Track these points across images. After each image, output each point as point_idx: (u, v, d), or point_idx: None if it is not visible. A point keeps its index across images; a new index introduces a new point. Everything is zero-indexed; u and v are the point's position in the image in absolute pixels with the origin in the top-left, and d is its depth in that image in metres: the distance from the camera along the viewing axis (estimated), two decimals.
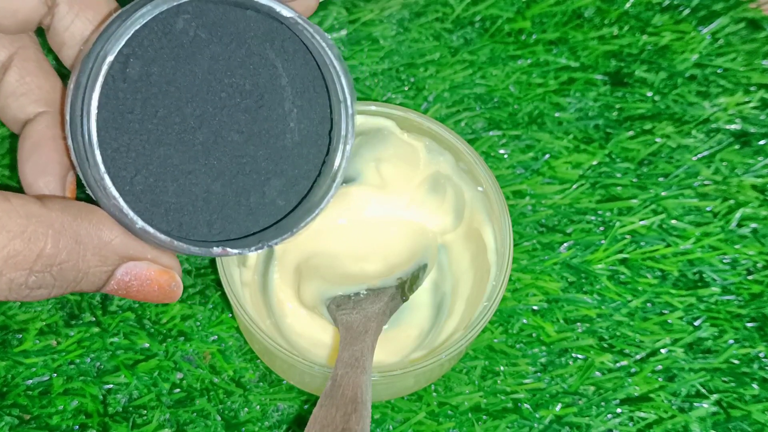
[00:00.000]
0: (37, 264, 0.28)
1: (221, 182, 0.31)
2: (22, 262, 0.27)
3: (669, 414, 0.40)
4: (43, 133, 0.32)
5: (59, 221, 0.28)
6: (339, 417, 0.29)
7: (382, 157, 0.40)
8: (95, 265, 0.29)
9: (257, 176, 0.32)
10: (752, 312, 0.43)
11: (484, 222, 0.38)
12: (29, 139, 0.33)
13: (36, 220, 0.28)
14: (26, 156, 0.32)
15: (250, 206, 0.32)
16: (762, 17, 0.52)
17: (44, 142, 0.32)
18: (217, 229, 0.31)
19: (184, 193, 0.30)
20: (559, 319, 0.42)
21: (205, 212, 0.31)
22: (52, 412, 0.38)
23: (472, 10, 0.51)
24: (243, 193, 0.31)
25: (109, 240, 0.29)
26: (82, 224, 0.29)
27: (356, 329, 0.35)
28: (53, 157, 0.32)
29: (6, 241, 0.27)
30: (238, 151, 0.31)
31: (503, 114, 0.48)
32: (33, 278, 0.28)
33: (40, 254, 0.28)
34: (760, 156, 0.47)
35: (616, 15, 0.51)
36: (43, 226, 0.28)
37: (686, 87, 0.49)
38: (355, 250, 0.40)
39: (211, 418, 0.39)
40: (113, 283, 0.31)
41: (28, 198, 0.28)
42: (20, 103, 0.33)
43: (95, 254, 0.29)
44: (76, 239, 0.29)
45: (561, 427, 0.39)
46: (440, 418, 0.39)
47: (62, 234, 0.28)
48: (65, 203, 0.29)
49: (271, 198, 0.32)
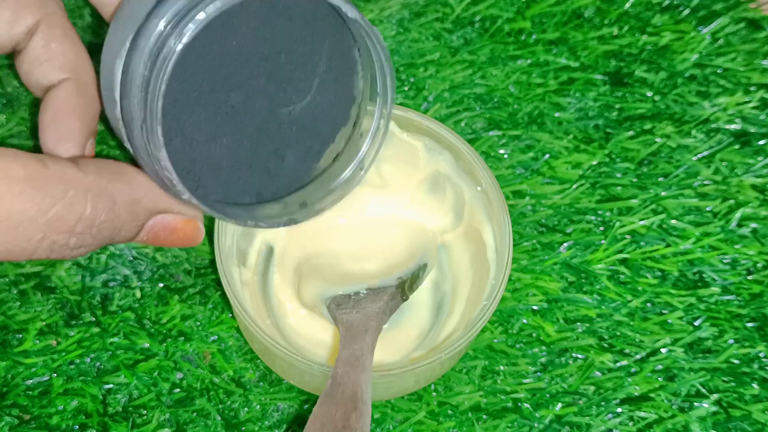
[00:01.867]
0: (77, 227, 0.30)
1: (248, 146, 0.33)
2: (64, 225, 0.29)
3: (669, 414, 0.40)
4: (65, 100, 0.33)
5: (96, 184, 0.30)
6: (339, 415, 0.29)
7: (382, 156, 0.40)
8: (128, 221, 0.32)
9: (280, 143, 0.33)
10: (752, 312, 0.43)
11: (483, 221, 0.38)
12: (51, 105, 0.33)
13: (75, 184, 0.29)
14: (47, 122, 0.33)
15: (270, 172, 0.34)
16: (762, 17, 0.52)
17: (66, 109, 0.33)
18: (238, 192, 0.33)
19: (214, 157, 0.32)
20: (559, 319, 0.42)
21: (235, 176, 0.33)
22: (51, 412, 0.38)
23: (472, 10, 0.51)
24: (267, 158, 0.33)
25: (141, 197, 0.32)
26: (116, 185, 0.31)
27: (356, 328, 0.35)
28: (74, 125, 0.33)
29: (49, 206, 0.29)
30: (265, 118, 0.33)
31: (503, 114, 0.48)
32: (74, 239, 0.30)
33: (81, 217, 0.30)
34: (760, 156, 0.47)
35: (616, 15, 0.51)
36: (82, 191, 0.30)
37: (686, 87, 0.49)
38: (355, 250, 0.40)
39: (211, 418, 0.39)
40: (143, 235, 0.33)
41: (64, 162, 0.30)
42: (44, 69, 0.34)
43: (128, 212, 0.31)
44: (113, 200, 0.30)
45: (561, 426, 0.39)
46: (440, 417, 0.39)
47: (100, 197, 0.30)
48: (98, 165, 0.31)
49: (293, 166, 0.34)
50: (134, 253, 0.42)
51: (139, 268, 0.42)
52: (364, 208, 0.41)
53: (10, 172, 0.28)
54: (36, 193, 0.28)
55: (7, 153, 0.29)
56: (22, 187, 0.28)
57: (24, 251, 0.29)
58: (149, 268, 0.42)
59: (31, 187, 0.28)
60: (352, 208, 0.41)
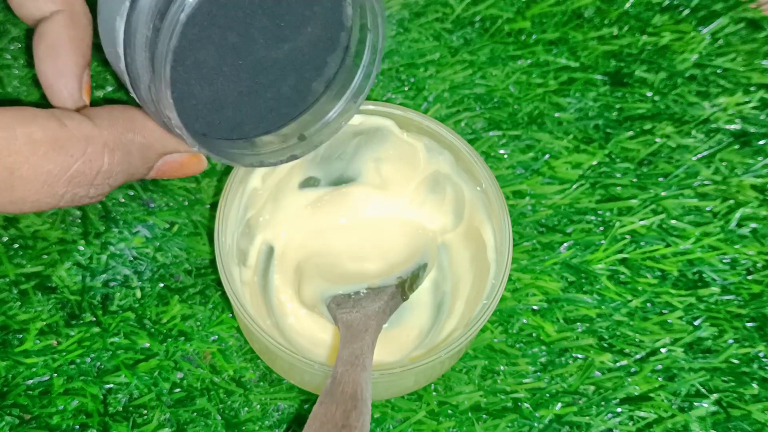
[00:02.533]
0: (97, 179, 0.32)
1: (247, 82, 0.34)
2: (84, 179, 0.32)
3: (669, 413, 0.40)
4: (60, 33, 0.34)
5: (111, 138, 0.32)
6: (339, 414, 0.29)
7: (382, 156, 0.41)
8: (141, 166, 0.34)
9: (276, 75, 0.35)
10: (752, 312, 0.43)
11: (483, 221, 0.38)
12: (46, 38, 0.35)
13: (93, 141, 0.32)
14: (43, 55, 0.35)
15: (268, 104, 0.36)
16: (762, 17, 0.52)
17: (61, 42, 0.35)
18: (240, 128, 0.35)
19: (216, 98, 0.34)
20: (559, 319, 0.42)
21: (237, 113, 0.35)
22: (52, 412, 0.38)
23: (472, 11, 0.51)
24: (264, 91, 0.35)
25: (152, 143, 0.34)
26: (128, 135, 0.33)
27: (356, 327, 0.35)
28: (71, 59, 0.35)
29: (70, 164, 0.31)
30: (262, 54, 0.34)
31: (503, 114, 0.48)
32: (93, 189, 0.33)
33: (99, 171, 0.32)
34: (759, 156, 0.47)
35: (615, 15, 0.51)
36: (100, 146, 0.32)
37: (686, 87, 0.49)
38: (356, 250, 0.40)
39: (212, 418, 0.39)
40: (152, 173, 0.36)
41: (80, 119, 0.32)
42: (37, 2, 0.35)
43: (141, 158, 0.34)
44: (127, 150, 0.33)
45: (561, 426, 0.39)
46: (440, 417, 0.39)
47: (116, 149, 0.32)
48: (111, 117, 0.33)
49: (288, 96, 0.36)
50: (134, 253, 0.42)
51: (140, 268, 0.42)
52: (365, 208, 0.41)
53: (32, 136, 0.30)
54: (58, 154, 0.31)
55: (26, 115, 0.31)
56: (45, 149, 0.31)
57: (48, 204, 0.32)
58: (149, 268, 0.42)
59: (53, 149, 0.31)
60: (352, 208, 0.41)
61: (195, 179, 0.44)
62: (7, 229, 0.42)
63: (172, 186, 0.44)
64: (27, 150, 0.30)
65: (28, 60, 0.46)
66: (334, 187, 0.41)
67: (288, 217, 0.40)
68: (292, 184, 0.40)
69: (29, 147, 0.30)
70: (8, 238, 0.42)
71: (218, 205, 0.36)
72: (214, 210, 0.44)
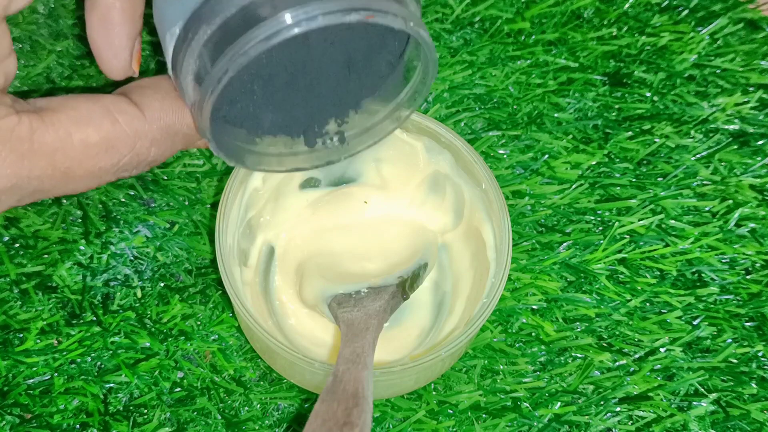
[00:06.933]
0: (139, 167, 0.35)
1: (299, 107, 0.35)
2: (129, 167, 0.35)
3: (668, 413, 0.40)
4: (112, 3, 0.35)
5: (159, 134, 0.35)
6: (340, 411, 0.29)
7: (382, 157, 0.41)
8: (182, 147, 0.37)
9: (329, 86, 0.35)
10: (750, 311, 0.43)
11: (483, 220, 0.39)
12: (98, 8, 0.35)
13: (142, 136, 0.34)
14: (96, 26, 0.35)
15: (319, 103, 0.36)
16: (760, 18, 0.52)
17: (113, 14, 0.35)
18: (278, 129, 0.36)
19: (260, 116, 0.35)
20: (558, 319, 0.42)
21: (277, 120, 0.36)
22: (53, 411, 0.38)
23: (471, 11, 0.51)
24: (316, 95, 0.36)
25: (194, 134, 0.36)
26: (175, 126, 0.35)
27: (357, 326, 0.35)
28: (122, 30, 0.35)
29: (118, 158, 0.34)
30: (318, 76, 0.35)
31: (503, 114, 0.48)
32: (136, 171, 0.35)
33: (144, 160, 0.35)
34: (758, 156, 0.47)
35: (615, 16, 0.51)
36: (148, 141, 0.34)
37: (685, 87, 0.49)
38: (356, 250, 0.40)
39: (212, 417, 0.39)
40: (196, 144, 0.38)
41: (132, 113, 0.34)
42: None
43: (184, 143, 0.36)
44: (172, 141, 0.35)
45: (560, 425, 0.40)
46: (440, 416, 0.39)
47: (162, 142, 0.35)
48: (161, 106, 0.35)
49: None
50: (135, 253, 0.42)
51: (140, 267, 0.42)
52: (365, 208, 0.41)
53: (88, 140, 0.33)
54: (109, 154, 0.33)
55: (81, 116, 0.33)
56: (97, 151, 0.33)
57: (92, 188, 0.35)
58: (150, 268, 0.42)
59: (105, 149, 0.33)
60: (352, 209, 0.41)
61: (195, 179, 0.45)
62: (7, 228, 0.42)
63: (172, 186, 0.44)
64: (82, 155, 0.33)
65: (28, 60, 0.47)
66: (335, 187, 0.41)
67: (289, 218, 0.41)
68: (292, 185, 0.40)
69: (84, 152, 0.33)
70: (9, 238, 0.42)
71: (219, 205, 0.37)
72: (214, 210, 0.44)
